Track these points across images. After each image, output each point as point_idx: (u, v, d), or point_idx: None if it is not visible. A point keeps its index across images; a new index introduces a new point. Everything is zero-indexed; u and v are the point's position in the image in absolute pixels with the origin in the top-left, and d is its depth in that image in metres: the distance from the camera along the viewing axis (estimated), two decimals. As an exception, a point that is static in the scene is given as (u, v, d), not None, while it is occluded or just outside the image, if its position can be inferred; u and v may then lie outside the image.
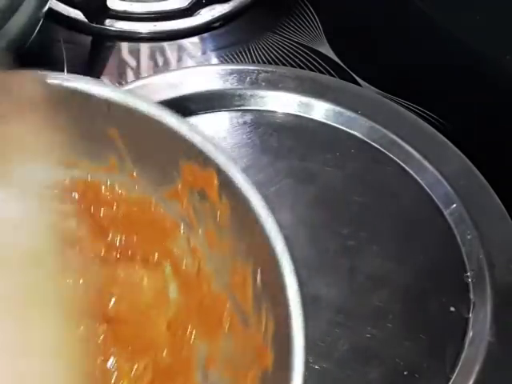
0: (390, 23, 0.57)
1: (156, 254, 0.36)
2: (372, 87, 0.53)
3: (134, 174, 0.36)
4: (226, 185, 0.32)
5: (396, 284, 0.40)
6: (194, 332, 0.35)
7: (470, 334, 0.38)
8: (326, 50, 0.55)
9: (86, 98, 0.33)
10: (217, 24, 0.56)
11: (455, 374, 0.37)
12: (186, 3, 0.56)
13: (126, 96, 0.33)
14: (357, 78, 0.53)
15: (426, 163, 0.45)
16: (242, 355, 0.32)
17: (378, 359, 0.38)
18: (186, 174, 0.34)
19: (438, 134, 0.47)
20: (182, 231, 0.36)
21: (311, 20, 0.57)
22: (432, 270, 0.41)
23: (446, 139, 0.46)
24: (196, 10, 0.56)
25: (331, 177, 0.45)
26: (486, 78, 0.53)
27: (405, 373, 0.37)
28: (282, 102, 0.48)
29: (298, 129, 0.47)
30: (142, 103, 0.33)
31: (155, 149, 0.34)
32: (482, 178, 0.44)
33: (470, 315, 0.39)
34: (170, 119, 0.33)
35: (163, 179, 0.35)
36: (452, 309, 0.40)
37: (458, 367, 0.37)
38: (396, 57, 0.55)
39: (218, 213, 0.33)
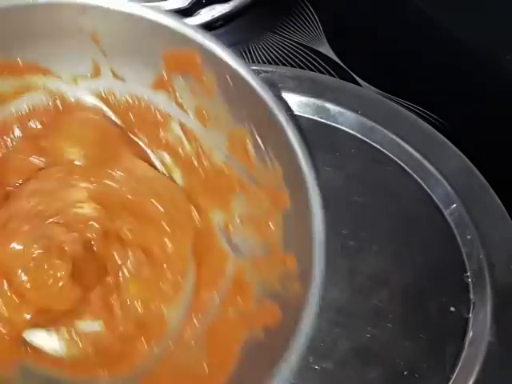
0: (389, 23, 0.57)
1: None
2: (372, 87, 0.53)
3: (118, 73, 0.37)
4: (210, 60, 0.33)
5: (396, 284, 0.40)
6: (207, 206, 0.37)
7: (470, 334, 0.38)
8: (326, 50, 0.55)
9: (61, 6, 0.34)
10: (217, 24, 0.56)
11: (455, 374, 0.37)
12: (186, 3, 0.56)
13: None
14: (357, 78, 0.53)
15: (426, 163, 0.45)
16: (257, 208, 0.34)
17: (378, 359, 0.38)
18: (169, 60, 0.35)
19: (438, 133, 0.47)
20: (173, 119, 0.38)
21: (311, 20, 0.57)
22: (432, 270, 0.41)
23: (446, 139, 0.46)
24: (196, 10, 0.56)
25: (331, 177, 0.45)
26: (486, 78, 0.53)
27: (405, 373, 0.37)
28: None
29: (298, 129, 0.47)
30: (117, 2, 0.34)
31: (135, 43, 0.35)
32: (482, 178, 0.44)
33: (470, 315, 0.39)
34: (146, 11, 0.33)
35: (146, 73, 0.36)
36: (452, 309, 0.40)
37: (458, 367, 0.37)
38: (396, 57, 0.55)
39: (206, 90, 0.34)
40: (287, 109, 0.32)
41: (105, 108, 0.39)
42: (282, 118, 0.31)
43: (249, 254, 0.35)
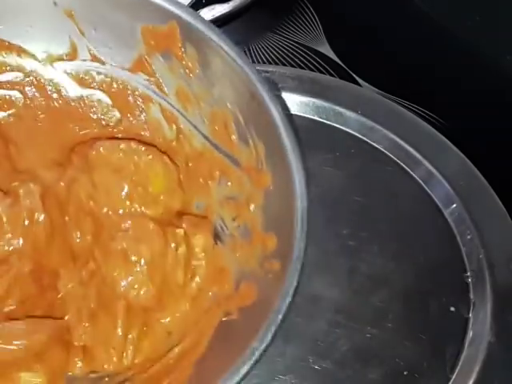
0: (389, 23, 0.57)
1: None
2: (372, 87, 0.53)
3: (97, 55, 0.36)
4: (190, 36, 0.32)
5: (396, 284, 0.40)
6: (187, 192, 0.36)
7: (470, 334, 0.38)
8: (326, 50, 0.55)
9: None
10: (217, 24, 0.56)
11: (455, 374, 0.37)
12: (186, 3, 0.56)
13: None
14: (357, 78, 0.53)
15: (426, 163, 0.45)
16: (238, 190, 0.34)
17: (378, 359, 0.38)
18: (147, 38, 0.34)
19: (438, 133, 0.47)
20: (153, 101, 0.36)
21: (311, 20, 0.57)
22: (432, 270, 0.41)
23: (446, 139, 0.46)
24: (196, 10, 0.56)
25: (331, 177, 0.45)
26: (486, 78, 0.53)
27: (405, 373, 0.37)
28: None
29: (298, 129, 0.47)
30: None
31: (112, 20, 0.34)
32: (482, 177, 0.44)
33: (470, 315, 0.39)
34: None
35: (125, 52, 0.35)
36: (452, 309, 0.40)
37: (458, 367, 0.37)
38: (396, 57, 0.55)
39: (187, 69, 0.33)
40: (272, 86, 0.31)
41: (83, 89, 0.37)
42: (265, 94, 0.30)
43: (229, 239, 0.35)
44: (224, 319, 0.32)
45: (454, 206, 0.43)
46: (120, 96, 0.37)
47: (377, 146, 0.46)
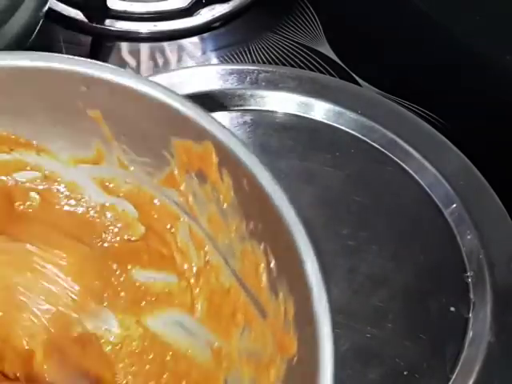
0: (389, 23, 0.57)
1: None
2: (372, 87, 0.53)
3: (125, 162, 0.32)
4: (227, 160, 0.28)
5: (396, 284, 0.40)
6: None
7: (470, 334, 0.38)
8: (326, 50, 0.55)
9: (60, 76, 0.29)
10: (217, 24, 0.56)
11: (455, 374, 0.37)
12: (186, 3, 0.56)
13: (107, 71, 0.29)
14: (357, 78, 0.53)
15: (426, 163, 0.45)
16: (260, 346, 0.29)
17: (378, 359, 0.38)
18: (180, 154, 0.30)
19: (438, 133, 0.47)
20: (182, 222, 0.33)
21: (311, 20, 0.57)
22: (432, 270, 0.41)
23: (446, 139, 0.46)
24: (196, 10, 0.56)
25: (331, 177, 0.45)
26: (486, 78, 0.53)
27: (405, 373, 0.37)
28: (282, 102, 0.48)
29: (298, 129, 0.47)
30: (125, 77, 0.29)
31: (144, 129, 0.30)
32: (482, 178, 0.44)
33: (470, 315, 0.39)
34: (157, 92, 0.29)
35: (156, 164, 0.31)
36: (452, 309, 0.39)
37: (458, 367, 0.37)
38: (396, 57, 0.55)
39: (221, 195, 0.30)
40: (311, 241, 0.26)
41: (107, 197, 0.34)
42: (301, 245, 0.26)
43: None
44: None
45: (454, 205, 0.43)
46: (147, 209, 0.33)
47: (377, 146, 0.46)
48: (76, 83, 0.29)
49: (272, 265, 0.28)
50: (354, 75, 0.53)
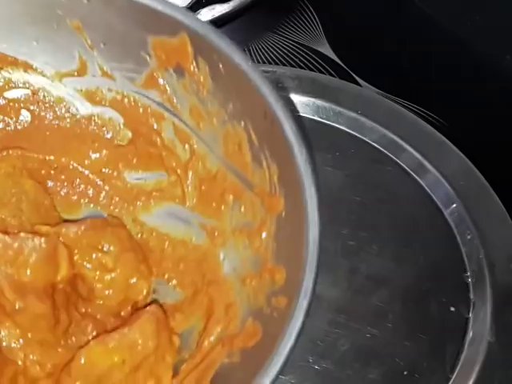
0: (389, 23, 0.57)
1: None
2: (372, 87, 0.53)
3: (107, 71, 0.34)
4: (201, 48, 0.30)
5: (396, 284, 0.40)
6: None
7: (470, 334, 0.38)
8: (326, 50, 0.55)
9: None
10: (217, 24, 0.56)
11: (455, 374, 0.37)
12: (186, 3, 0.56)
13: None
14: (357, 78, 0.53)
15: (426, 163, 0.45)
16: (251, 215, 0.31)
17: (378, 359, 0.38)
18: (158, 51, 0.32)
19: (438, 133, 0.47)
20: (166, 119, 0.34)
21: (311, 20, 0.57)
22: (432, 270, 0.41)
23: (446, 139, 0.46)
24: (196, 10, 0.56)
25: (331, 177, 0.45)
26: (486, 78, 0.53)
27: (405, 373, 0.37)
28: (282, 102, 0.48)
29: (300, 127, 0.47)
30: None
31: (122, 33, 0.32)
32: (482, 178, 0.44)
33: (470, 315, 0.39)
34: None
35: (136, 68, 0.33)
36: (452, 309, 0.39)
37: (458, 367, 0.37)
38: (396, 57, 0.55)
39: (200, 85, 0.31)
40: (288, 104, 0.29)
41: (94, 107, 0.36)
42: (279, 112, 0.28)
43: (240, 271, 0.32)
44: (225, 361, 0.30)
45: (454, 205, 0.43)
46: (132, 114, 0.36)
47: (377, 146, 0.46)
48: None
49: (253, 138, 0.30)
50: (354, 75, 0.53)
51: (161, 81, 0.33)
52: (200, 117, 0.33)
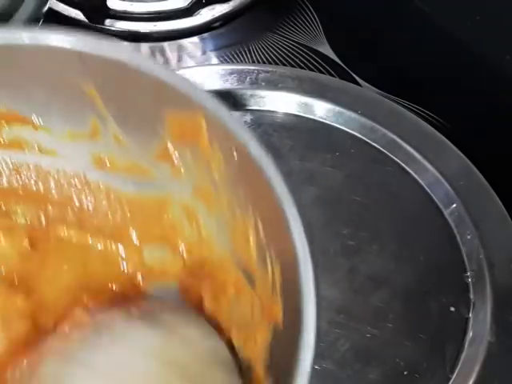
0: (389, 23, 0.57)
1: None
2: (372, 87, 0.53)
3: (120, 137, 0.33)
4: (216, 132, 0.29)
5: (396, 284, 0.40)
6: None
7: (470, 334, 0.38)
8: (326, 50, 0.55)
9: (53, 51, 0.29)
10: (217, 24, 0.56)
11: (455, 374, 0.37)
12: (186, 3, 0.56)
13: (101, 45, 0.29)
14: (357, 78, 0.53)
15: (426, 163, 0.45)
16: (248, 315, 0.30)
17: (378, 359, 0.38)
18: (172, 125, 0.31)
19: (438, 133, 0.47)
20: (174, 197, 0.33)
21: (311, 20, 0.57)
22: (432, 270, 0.41)
23: (446, 139, 0.46)
24: (196, 10, 0.56)
25: (331, 177, 0.45)
26: (486, 78, 0.53)
27: (405, 373, 0.37)
28: (282, 102, 0.48)
29: (298, 129, 0.47)
30: (119, 52, 0.29)
31: (137, 103, 0.30)
32: (482, 178, 0.44)
33: (470, 315, 0.39)
34: (150, 66, 0.29)
35: (150, 138, 0.32)
36: (452, 309, 0.40)
37: (458, 367, 0.37)
38: (396, 57, 0.55)
39: (212, 165, 0.30)
40: (294, 203, 0.26)
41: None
42: (289, 215, 0.26)
43: None
44: None
45: (454, 205, 0.43)
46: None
47: (377, 146, 0.46)
48: (72, 58, 0.29)
49: (261, 233, 0.28)
50: (354, 75, 0.53)
51: (173, 154, 0.32)
52: (210, 200, 0.32)
